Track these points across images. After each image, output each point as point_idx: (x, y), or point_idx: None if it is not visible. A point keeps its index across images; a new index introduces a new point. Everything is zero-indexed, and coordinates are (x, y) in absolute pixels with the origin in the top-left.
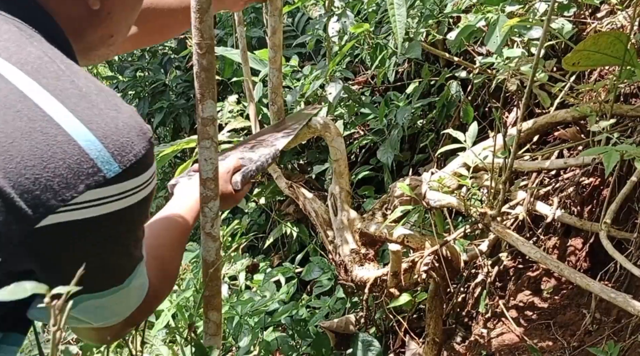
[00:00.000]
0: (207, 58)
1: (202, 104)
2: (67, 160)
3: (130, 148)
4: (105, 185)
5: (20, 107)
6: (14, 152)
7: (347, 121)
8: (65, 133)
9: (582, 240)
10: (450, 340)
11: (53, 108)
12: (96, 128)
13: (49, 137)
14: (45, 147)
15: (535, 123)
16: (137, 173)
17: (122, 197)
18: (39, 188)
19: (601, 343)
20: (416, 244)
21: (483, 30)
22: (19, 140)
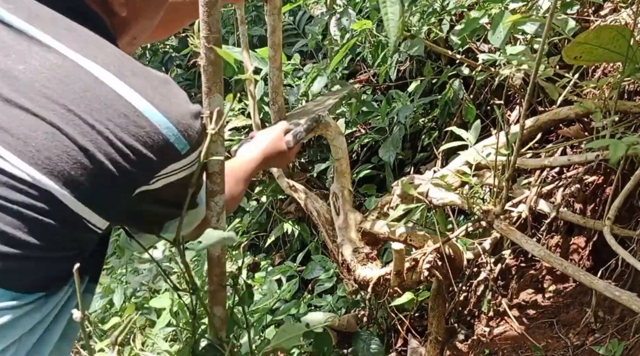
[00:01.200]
0: (214, 52)
1: (209, 98)
2: (152, 143)
3: (192, 128)
4: (180, 159)
5: (117, 106)
6: (118, 143)
7: (349, 119)
8: (151, 123)
9: (585, 239)
10: (453, 338)
11: (139, 103)
12: (171, 116)
13: (141, 129)
14: (138, 138)
15: (538, 121)
16: (197, 147)
17: (188, 167)
18: (136, 168)
19: (605, 342)
20: (419, 242)
21: (486, 27)
22: (121, 133)
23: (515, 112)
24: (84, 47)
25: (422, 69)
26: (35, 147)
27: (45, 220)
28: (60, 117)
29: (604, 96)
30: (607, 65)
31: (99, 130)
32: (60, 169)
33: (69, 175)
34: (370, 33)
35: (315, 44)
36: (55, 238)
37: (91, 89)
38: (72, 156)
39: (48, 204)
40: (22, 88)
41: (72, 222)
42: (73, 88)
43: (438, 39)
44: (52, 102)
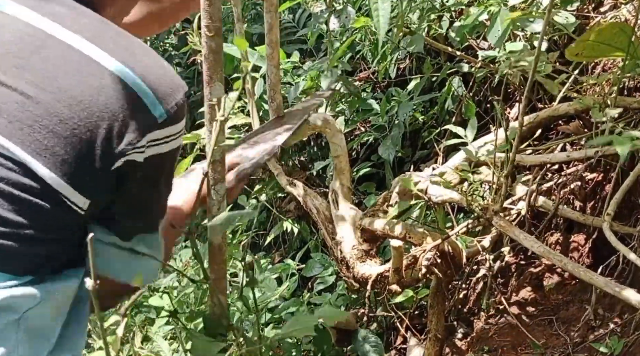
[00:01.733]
0: (215, 40)
1: (210, 86)
2: (129, 108)
3: (171, 97)
4: (157, 128)
5: (91, 69)
6: (94, 107)
7: (348, 117)
8: (127, 85)
9: (585, 236)
10: (452, 336)
11: (115, 66)
12: (145, 77)
13: (116, 91)
14: (115, 102)
15: (538, 117)
16: (178, 119)
17: (167, 141)
18: (111, 134)
19: (604, 339)
20: (418, 240)
21: (485, 24)
22: (96, 96)
23: (514, 109)
24: (56, 12)
25: (422, 66)
26: (7, 119)
27: (22, 195)
28: (32, 85)
29: (604, 92)
30: (607, 62)
31: (72, 94)
32: (33, 139)
33: (42, 144)
34: (370, 31)
35: (315, 42)
36: (33, 214)
37: (64, 56)
38: (44, 125)
39: (26, 178)
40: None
41: (49, 198)
42: (44, 56)
43: (437, 36)
44: (24, 71)
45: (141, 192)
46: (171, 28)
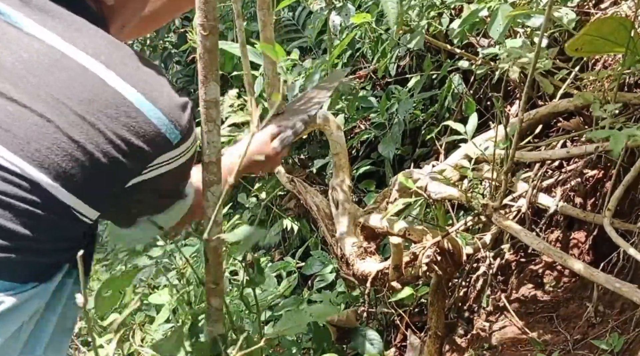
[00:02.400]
0: (210, 39)
1: (205, 86)
2: (145, 134)
3: (183, 118)
4: (172, 149)
5: (107, 96)
6: (110, 134)
7: (348, 115)
8: (142, 113)
9: (585, 233)
10: (452, 333)
11: (129, 93)
12: (162, 106)
13: (132, 119)
14: (128, 128)
15: (538, 113)
16: (188, 136)
17: (181, 157)
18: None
19: (605, 336)
20: (417, 237)
21: (485, 21)
22: (112, 124)
23: (514, 107)
24: (73, 35)
25: (422, 64)
26: (24, 139)
27: (36, 211)
28: (50, 108)
29: (604, 88)
30: (607, 58)
31: (90, 121)
32: (51, 161)
33: (60, 167)
34: (370, 28)
35: (315, 40)
36: (45, 229)
37: (80, 79)
38: (62, 148)
39: (38, 196)
40: (10, 78)
41: (62, 214)
42: (61, 77)
43: (437, 34)
44: (41, 93)
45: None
46: (171, 26)
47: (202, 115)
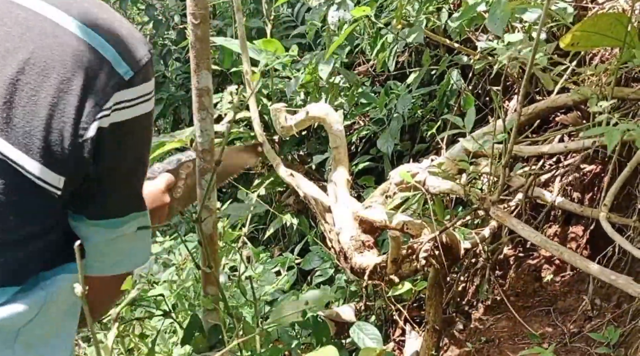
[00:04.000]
0: (201, 28)
1: (197, 75)
2: (92, 66)
3: (135, 54)
4: (126, 88)
5: (50, 31)
6: (51, 70)
7: (347, 111)
8: (90, 47)
9: (583, 228)
10: (450, 328)
11: (74, 25)
12: (111, 39)
13: (77, 50)
14: (77, 62)
15: (536, 108)
16: (147, 78)
17: (139, 102)
18: (77, 97)
19: (601, 329)
20: (416, 231)
21: (484, 16)
22: (53, 57)
23: (513, 102)
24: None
25: (421, 60)
26: None
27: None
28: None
29: (602, 83)
30: (605, 53)
31: (34, 61)
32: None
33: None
34: (369, 22)
35: (314, 36)
36: (11, 209)
37: (26, 22)
38: (1, 94)
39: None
40: None
41: (23, 183)
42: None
43: (436, 28)
44: None
45: (120, 163)
46: (170, 23)
47: (194, 103)
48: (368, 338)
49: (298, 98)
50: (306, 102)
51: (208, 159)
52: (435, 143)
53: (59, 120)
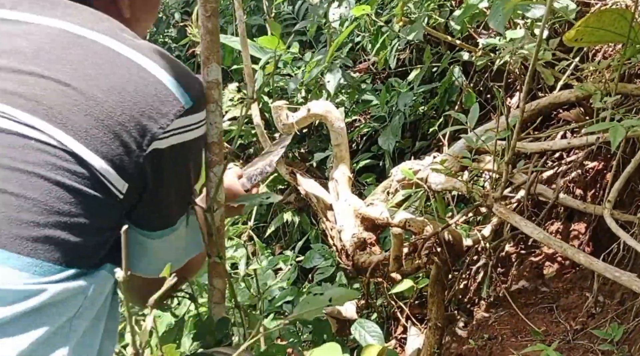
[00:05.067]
0: (212, 21)
1: (207, 67)
2: (158, 94)
3: (194, 85)
4: (185, 115)
5: (120, 61)
6: (125, 93)
7: (348, 109)
8: (155, 76)
9: (585, 225)
10: (452, 325)
11: (141, 60)
12: (172, 72)
13: (145, 79)
14: (144, 88)
15: (539, 104)
16: (201, 107)
17: (195, 128)
18: (145, 118)
19: (605, 326)
20: (418, 228)
21: (485, 13)
22: (127, 85)
23: (514, 99)
24: (81, 20)
25: (422, 57)
26: (46, 105)
27: (70, 182)
28: (67, 75)
29: (605, 78)
30: (608, 49)
31: (106, 82)
32: (73, 122)
33: (82, 128)
34: (370, 20)
35: (315, 33)
36: (82, 203)
37: (92, 49)
38: (82, 108)
39: (67, 162)
40: (29, 58)
41: (94, 183)
42: (75, 51)
43: (438, 25)
44: (58, 64)
45: (174, 178)
46: (170, 20)
47: None
48: (369, 335)
49: (299, 95)
50: (307, 100)
51: (217, 152)
52: (436, 141)
53: (129, 135)
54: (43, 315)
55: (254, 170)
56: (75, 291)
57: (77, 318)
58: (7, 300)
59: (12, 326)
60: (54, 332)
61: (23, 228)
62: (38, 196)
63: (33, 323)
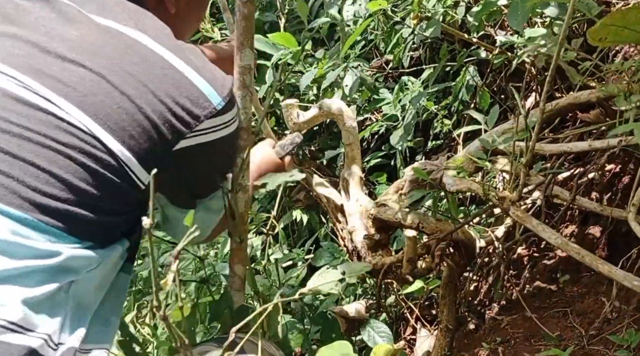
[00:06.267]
0: (248, 7)
1: (240, 52)
2: (190, 96)
3: (224, 87)
4: (215, 116)
5: (155, 60)
6: (158, 92)
7: (360, 107)
8: (187, 78)
9: (601, 229)
10: (463, 327)
11: (175, 61)
12: (204, 74)
13: (177, 81)
14: (176, 89)
15: (557, 105)
16: (231, 107)
17: (225, 127)
18: (174, 118)
19: (621, 332)
20: (431, 229)
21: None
22: (160, 84)
23: (530, 99)
24: (125, 18)
25: (436, 56)
26: (82, 93)
27: (96, 167)
28: (106, 68)
29: (628, 79)
30: (629, 50)
31: (141, 80)
32: (104, 113)
33: (113, 119)
34: (383, 18)
35: (328, 31)
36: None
37: (132, 47)
38: (115, 101)
39: (97, 150)
40: (75, 47)
41: (119, 172)
42: (116, 47)
43: (454, 23)
44: (99, 58)
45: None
46: None
47: (235, 81)
48: (378, 335)
49: (311, 93)
50: (319, 97)
51: (245, 137)
52: (448, 141)
53: (158, 132)
54: (55, 273)
55: (284, 141)
56: (88, 260)
57: (84, 281)
58: (26, 255)
59: (25, 278)
60: (60, 289)
61: (45, 200)
62: (63, 173)
63: (45, 279)
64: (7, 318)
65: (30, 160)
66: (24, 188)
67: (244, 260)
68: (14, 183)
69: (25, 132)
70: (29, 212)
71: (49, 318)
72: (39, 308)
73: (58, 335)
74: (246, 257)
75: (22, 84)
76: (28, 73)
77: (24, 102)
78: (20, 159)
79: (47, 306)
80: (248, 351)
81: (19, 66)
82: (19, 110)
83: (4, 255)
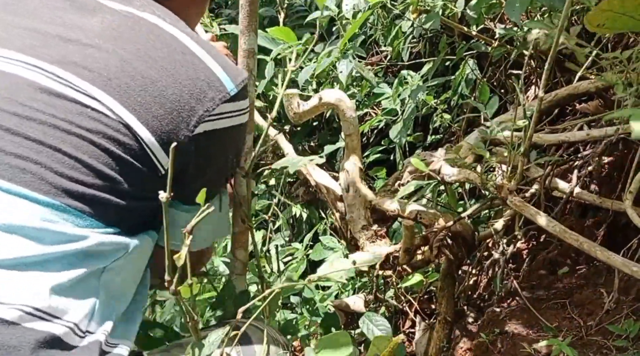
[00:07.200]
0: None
1: (244, 36)
2: (206, 80)
3: (238, 76)
4: (230, 101)
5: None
6: (178, 76)
7: (360, 101)
8: (205, 64)
9: (600, 221)
10: (462, 320)
11: (193, 46)
12: (219, 61)
13: (195, 65)
14: (195, 73)
15: (556, 95)
16: (244, 96)
17: (238, 114)
18: (193, 100)
19: (620, 322)
20: (429, 221)
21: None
22: (179, 67)
23: (529, 93)
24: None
25: (435, 50)
26: (107, 77)
27: (120, 153)
28: (129, 53)
29: (627, 69)
30: (629, 39)
31: (163, 64)
32: (128, 95)
33: (137, 101)
34: (382, 12)
35: (327, 25)
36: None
37: (153, 33)
38: (138, 84)
39: (119, 132)
40: (97, 34)
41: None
42: (139, 32)
43: (453, 16)
44: (121, 42)
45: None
46: None
47: (239, 64)
48: (377, 329)
49: (310, 87)
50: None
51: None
52: (448, 136)
53: (178, 115)
54: (83, 258)
55: None
56: (117, 246)
57: (113, 269)
58: (54, 240)
59: (54, 263)
60: (89, 274)
61: (72, 185)
62: (87, 159)
63: (73, 264)
64: (34, 305)
65: (56, 146)
66: (51, 174)
67: (246, 244)
68: (41, 170)
69: (51, 119)
70: (57, 197)
71: (78, 305)
72: (68, 294)
73: (87, 323)
74: (248, 242)
75: (47, 72)
76: (51, 62)
77: (49, 91)
78: (46, 146)
79: (77, 293)
80: (251, 335)
81: (41, 56)
82: (44, 99)
83: (33, 241)
